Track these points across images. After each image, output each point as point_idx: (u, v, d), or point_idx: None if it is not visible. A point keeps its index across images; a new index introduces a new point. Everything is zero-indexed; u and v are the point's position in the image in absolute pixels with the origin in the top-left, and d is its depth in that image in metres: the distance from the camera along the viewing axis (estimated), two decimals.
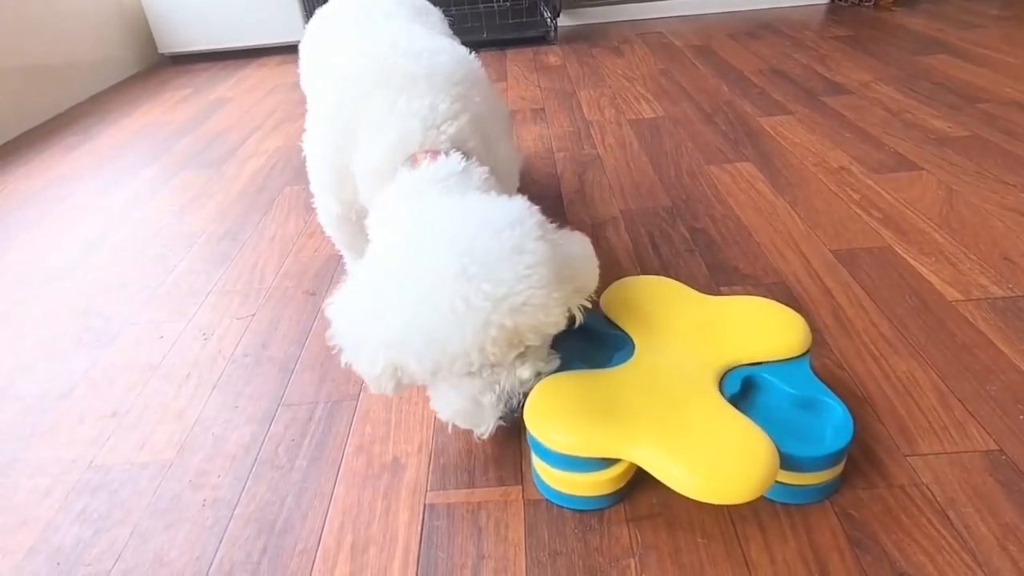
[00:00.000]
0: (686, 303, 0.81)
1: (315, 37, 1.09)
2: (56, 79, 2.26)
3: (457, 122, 0.78)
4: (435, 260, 0.62)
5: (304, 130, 0.89)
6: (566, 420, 0.65)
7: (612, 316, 0.81)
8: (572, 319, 0.71)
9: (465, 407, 0.68)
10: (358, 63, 0.82)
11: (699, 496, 0.60)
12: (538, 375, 0.69)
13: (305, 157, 0.89)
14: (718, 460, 0.60)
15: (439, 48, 0.85)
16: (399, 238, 0.68)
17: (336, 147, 0.82)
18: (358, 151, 0.79)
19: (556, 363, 0.72)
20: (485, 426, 0.69)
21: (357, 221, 0.88)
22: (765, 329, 0.76)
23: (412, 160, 0.76)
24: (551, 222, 0.73)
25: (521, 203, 0.69)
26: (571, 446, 0.64)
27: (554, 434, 0.65)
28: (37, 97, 2.16)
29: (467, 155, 0.77)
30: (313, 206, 0.96)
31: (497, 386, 0.67)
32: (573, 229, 0.76)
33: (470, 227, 0.64)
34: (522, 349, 0.66)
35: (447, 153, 0.76)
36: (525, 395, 0.68)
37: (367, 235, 0.85)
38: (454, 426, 0.71)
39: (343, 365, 0.70)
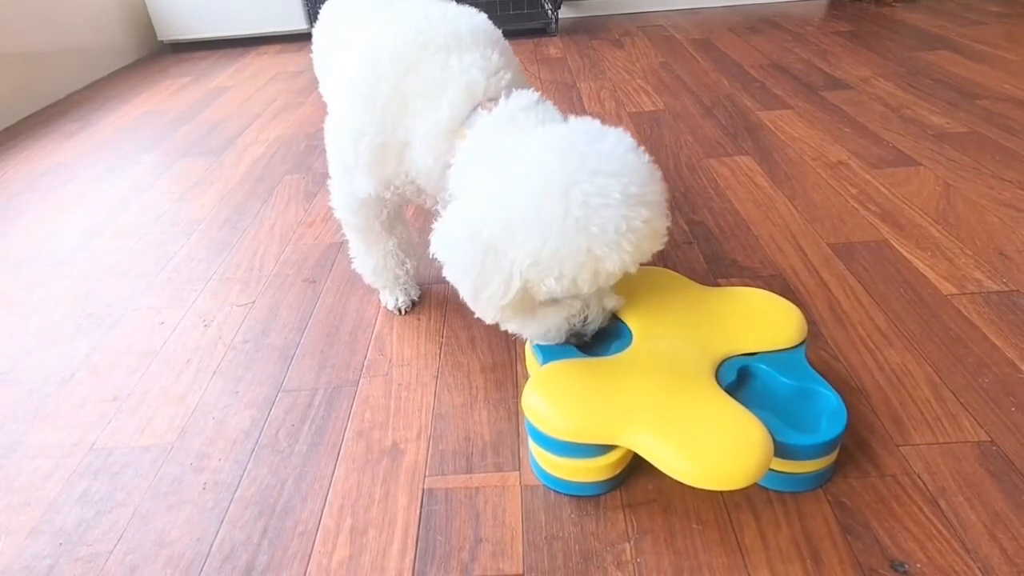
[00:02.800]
0: (685, 294, 0.82)
1: (331, 21, 1.06)
2: (55, 66, 2.25)
3: (509, 72, 0.80)
4: (594, 182, 0.63)
5: (328, 116, 0.87)
6: (564, 406, 0.66)
7: None
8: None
9: (557, 325, 0.72)
10: (393, 37, 0.80)
11: (694, 483, 0.60)
12: (606, 313, 0.75)
13: (326, 142, 0.88)
14: (713, 448, 0.61)
15: (469, 12, 0.85)
16: (517, 157, 0.68)
17: (376, 124, 0.80)
18: (415, 120, 0.78)
19: (621, 300, 0.77)
20: (560, 340, 0.74)
21: (379, 203, 0.88)
22: (762, 320, 0.77)
23: (480, 108, 0.76)
24: None
25: (629, 135, 0.71)
26: (568, 432, 0.65)
27: (552, 420, 0.65)
28: (36, 84, 2.15)
29: None
30: (312, 194, 0.96)
31: (586, 309, 0.72)
32: None
33: (613, 150, 0.66)
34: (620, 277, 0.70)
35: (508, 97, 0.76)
36: (599, 325, 0.74)
37: (386, 218, 0.90)
38: (527, 344, 0.77)
39: (461, 297, 0.70)
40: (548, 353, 0.74)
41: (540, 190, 0.64)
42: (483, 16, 0.86)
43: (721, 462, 0.60)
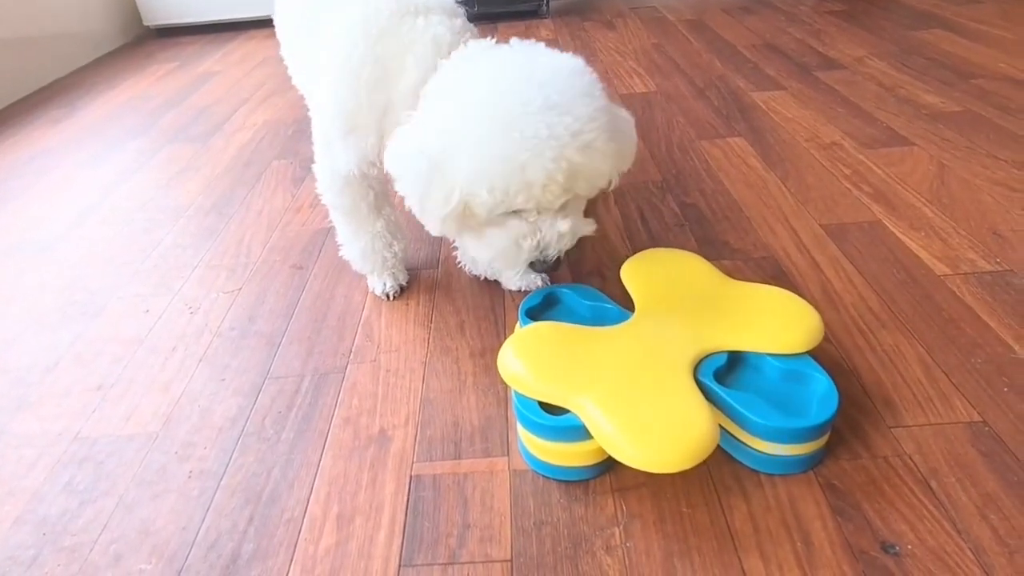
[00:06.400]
0: (705, 282, 0.80)
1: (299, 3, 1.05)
2: (40, 52, 2.21)
3: (470, 36, 0.82)
4: (519, 93, 0.67)
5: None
6: (530, 363, 0.68)
7: (627, 281, 0.82)
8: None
9: (506, 247, 0.73)
10: (365, 6, 0.82)
11: (622, 459, 0.60)
12: (575, 235, 0.74)
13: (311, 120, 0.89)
14: (650, 429, 0.61)
15: None
16: (466, 82, 0.72)
17: (352, 90, 0.80)
18: (391, 85, 0.79)
19: (593, 226, 0.77)
20: (518, 268, 0.75)
21: (363, 182, 0.89)
22: (771, 322, 0.74)
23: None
24: None
25: (580, 59, 0.74)
26: (527, 387, 0.67)
27: (517, 374, 0.68)
28: (20, 70, 2.12)
29: None
30: (300, 179, 0.95)
31: (539, 231, 0.72)
32: None
33: (546, 67, 0.70)
34: (569, 196, 0.71)
35: None
36: (560, 250, 0.74)
37: (372, 199, 0.92)
38: (483, 274, 0.82)
39: (406, 208, 0.74)
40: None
41: (475, 106, 0.69)
42: None
43: (652, 444, 0.60)
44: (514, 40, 0.76)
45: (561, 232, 0.73)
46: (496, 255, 0.75)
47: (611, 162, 0.71)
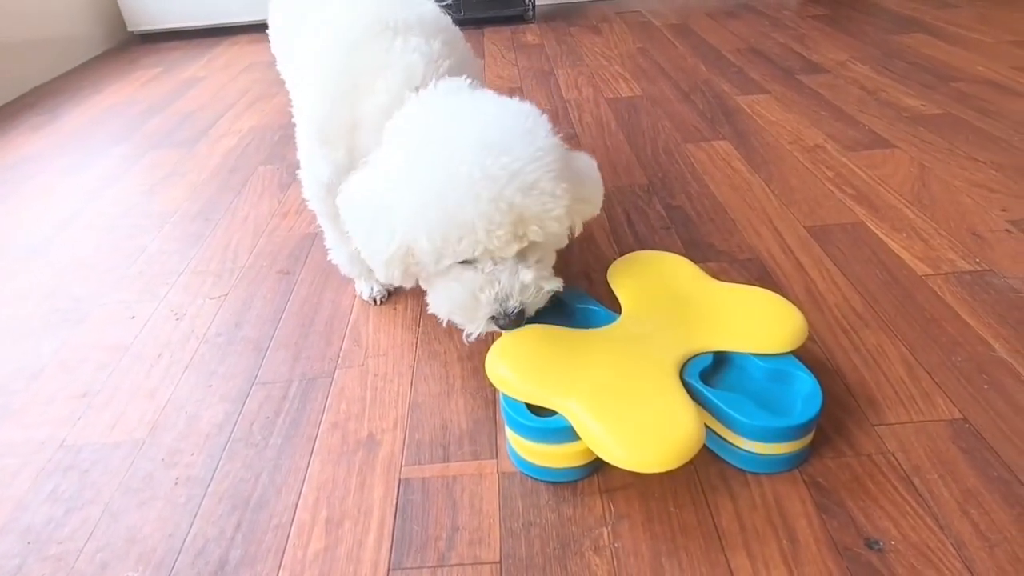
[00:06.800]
0: (691, 284, 0.81)
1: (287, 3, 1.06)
2: (21, 58, 2.19)
3: (450, 61, 0.81)
4: (454, 134, 0.66)
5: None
6: (518, 366, 0.68)
7: (613, 283, 0.82)
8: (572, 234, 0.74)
9: (464, 300, 0.69)
10: (345, 18, 0.82)
11: (610, 459, 0.60)
12: (539, 288, 0.70)
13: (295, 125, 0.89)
14: (636, 429, 0.61)
15: (420, 0, 0.87)
16: (417, 128, 0.71)
17: (326, 100, 0.80)
18: (361, 100, 0.79)
19: (558, 283, 0.73)
20: (477, 323, 0.70)
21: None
22: (756, 322, 0.74)
23: (416, 92, 0.77)
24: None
25: (532, 105, 0.73)
26: (514, 390, 0.67)
27: (505, 377, 0.68)
28: (1, 77, 2.10)
29: None
30: (287, 184, 0.95)
31: (497, 283, 0.68)
32: None
33: (488, 111, 0.69)
34: (525, 244, 0.67)
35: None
36: (523, 303, 0.69)
37: None
38: (446, 325, 0.74)
39: (353, 247, 0.73)
40: None
41: (416, 152, 0.68)
42: (431, 4, 0.88)
43: (640, 444, 0.60)
44: (479, 92, 0.75)
45: (524, 282, 0.68)
46: (453, 308, 0.71)
47: (564, 204, 0.67)
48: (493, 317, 0.70)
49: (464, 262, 0.68)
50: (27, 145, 1.72)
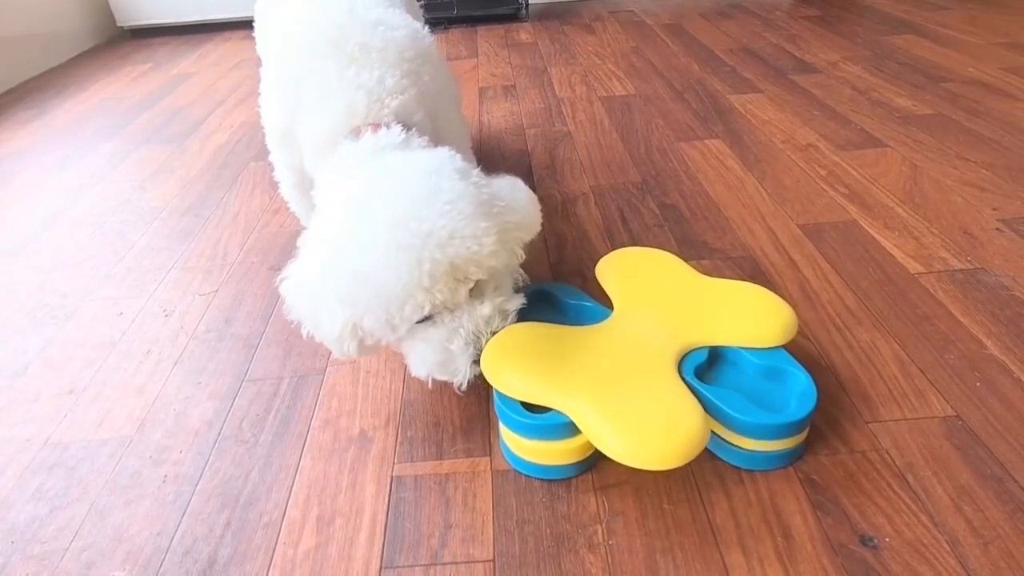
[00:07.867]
0: (679, 280, 0.81)
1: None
2: (9, 53, 2.17)
3: (403, 96, 0.79)
4: (369, 215, 0.65)
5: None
6: (515, 364, 0.67)
7: (602, 280, 0.82)
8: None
9: (438, 358, 0.68)
10: (313, 26, 0.81)
11: (616, 457, 0.60)
12: (504, 313, 0.69)
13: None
14: (641, 426, 0.61)
15: (395, 23, 0.85)
16: (339, 206, 0.69)
17: (281, 108, 0.81)
18: (303, 116, 0.79)
19: (520, 300, 0.72)
20: (462, 374, 0.68)
21: (308, 188, 0.87)
22: (747, 316, 0.74)
23: (356, 132, 0.77)
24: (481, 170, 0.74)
25: (442, 152, 0.71)
26: (512, 389, 0.66)
27: (502, 376, 0.66)
28: None
29: (409, 128, 0.78)
30: (277, 181, 0.95)
31: (462, 329, 0.67)
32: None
33: (397, 181, 0.67)
34: (471, 285, 0.66)
35: (388, 126, 0.77)
36: (495, 332, 0.68)
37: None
38: (432, 384, 0.72)
39: (305, 337, 0.69)
40: None
41: (339, 237, 0.67)
42: (408, 29, 0.85)
43: (645, 441, 0.60)
44: (399, 153, 0.73)
45: (485, 316, 0.68)
46: (432, 368, 0.69)
47: (491, 240, 0.65)
48: (475, 361, 0.68)
49: (422, 320, 0.67)
50: (15, 140, 1.70)
